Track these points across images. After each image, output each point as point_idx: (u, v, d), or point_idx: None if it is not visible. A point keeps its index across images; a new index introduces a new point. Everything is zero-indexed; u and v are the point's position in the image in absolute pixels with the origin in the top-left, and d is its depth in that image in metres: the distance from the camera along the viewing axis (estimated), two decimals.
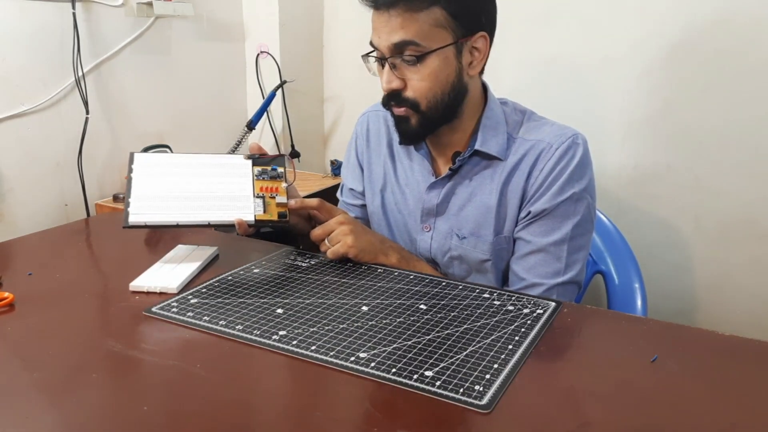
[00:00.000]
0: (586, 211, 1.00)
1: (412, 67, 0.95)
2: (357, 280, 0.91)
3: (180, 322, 0.78)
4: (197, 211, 0.92)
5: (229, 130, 2.05)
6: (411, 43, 0.92)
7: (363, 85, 2.10)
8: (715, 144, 1.61)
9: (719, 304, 1.69)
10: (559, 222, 0.98)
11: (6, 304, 0.82)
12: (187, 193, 0.93)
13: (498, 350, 0.71)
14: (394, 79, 0.96)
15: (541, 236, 0.98)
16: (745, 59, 1.53)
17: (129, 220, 0.88)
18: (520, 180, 1.00)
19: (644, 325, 0.82)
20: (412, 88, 0.96)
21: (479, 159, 1.03)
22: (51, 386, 0.64)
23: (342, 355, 0.70)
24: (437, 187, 1.05)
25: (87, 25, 1.56)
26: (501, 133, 1.02)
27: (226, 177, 0.98)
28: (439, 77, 0.96)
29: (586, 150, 1.00)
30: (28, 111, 1.48)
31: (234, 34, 2.03)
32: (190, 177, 0.96)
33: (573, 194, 0.97)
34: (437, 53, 0.94)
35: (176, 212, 0.91)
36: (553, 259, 0.98)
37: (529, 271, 0.99)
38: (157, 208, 0.89)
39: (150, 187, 0.92)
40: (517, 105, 1.08)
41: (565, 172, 0.97)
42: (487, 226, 1.02)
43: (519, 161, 1.00)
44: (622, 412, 0.61)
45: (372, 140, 1.17)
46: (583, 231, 1.00)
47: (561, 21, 1.73)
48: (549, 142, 0.99)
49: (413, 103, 0.97)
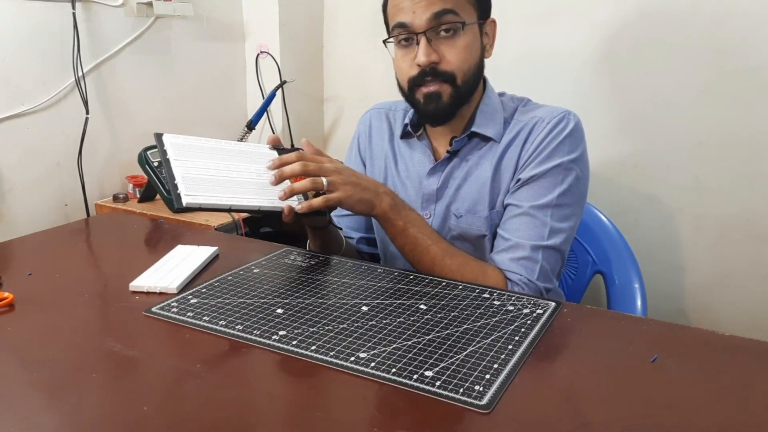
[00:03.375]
0: (574, 181, 1.01)
1: (448, 41, 0.98)
2: (357, 280, 0.91)
3: (180, 322, 0.78)
4: (246, 196, 0.88)
5: (229, 130, 2.05)
6: (451, 12, 0.97)
7: (363, 85, 2.10)
8: (715, 144, 1.61)
9: (719, 304, 1.69)
10: (546, 189, 1.00)
11: (6, 304, 0.82)
12: (231, 177, 0.89)
13: (498, 350, 0.71)
14: (432, 52, 0.98)
15: (527, 200, 1.00)
16: (745, 59, 1.53)
17: (183, 202, 0.81)
18: (513, 154, 1.03)
19: (644, 325, 0.82)
20: (449, 61, 0.99)
21: (477, 141, 1.06)
22: (51, 386, 0.64)
23: (342, 355, 0.70)
24: (437, 171, 1.08)
25: (87, 25, 1.56)
26: (498, 118, 1.06)
27: (259, 167, 0.94)
28: (472, 51, 1.01)
29: (578, 125, 1.03)
30: (28, 111, 1.48)
31: (234, 34, 2.03)
32: (228, 162, 0.91)
33: (561, 163, 1.00)
34: (471, 27, 1.00)
35: (227, 196, 0.85)
36: (539, 223, 0.99)
37: (513, 233, 1.00)
38: (206, 191, 0.83)
39: (193, 169, 0.85)
40: (514, 95, 1.12)
41: (555, 141, 1.00)
42: (482, 202, 1.04)
43: (513, 138, 1.04)
44: (622, 412, 0.61)
45: (374, 137, 1.19)
46: (570, 202, 1.01)
47: (560, 17, 1.73)
48: (542, 117, 1.03)
49: (450, 75, 0.99)
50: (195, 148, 0.90)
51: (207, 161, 0.89)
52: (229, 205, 0.86)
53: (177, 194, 0.83)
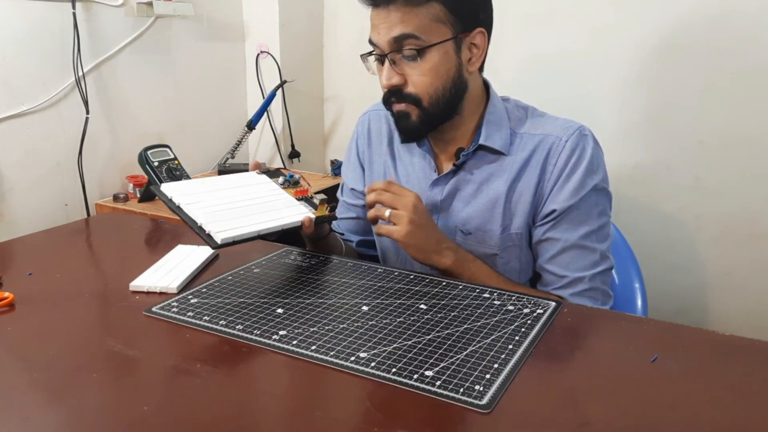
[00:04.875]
0: (607, 199, 1.01)
1: (412, 63, 0.95)
2: (357, 280, 0.91)
3: (180, 322, 0.78)
4: (266, 219, 0.90)
5: (229, 130, 2.05)
6: (411, 37, 0.92)
7: (363, 85, 2.10)
8: (715, 144, 1.61)
9: (719, 304, 1.69)
10: (585, 215, 0.98)
11: (6, 304, 0.82)
12: (242, 206, 0.91)
13: (498, 350, 0.71)
14: (394, 75, 0.96)
15: (571, 232, 0.99)
16: (745, 59, 1.53)
17: (218, 240, 0.82)
18: (531, 176, 1.00)
19: (644, 325, 0.82)
20: (413, 83, 0.96)
21: (483, 154, 1.02)
22: (51, 386, 0.64)
23: (342, 354, 0.70)
24: (441, 183, 1.05)
25: (87, 25, 1.56)
26: (504, 129, 1.02)
27: (262, 191, 0.97)
28: (439, 72, 0.95)
29: (595, 140, 1.01)
30: (28, 111, 1.48)
31: (234, 34, 2.03)
32: (229, 193, 0.94)
33: (594, 186, 0.98)
34: (437, 48, 0.94)
35: (250, 224, 0.88)
36: (588, 252, 0.99)
37: (567, 268, 0.99)
38: (230, 224, 0.85)
39: (207, 207, 0.87)
40: (518, 102, 1.08)
41: (581, 165, 0.98)
42: (493, 222, 1.02)
43: (529, 156, 1.00)
44: (622, 412, 0.61)
45: (373, 139, 1.16)
46: (608, 219, 1.02)
47: (560, 19, 1.73)
48: (557, 135, 0.99)
49: (415, 98, 0.96)
50: (195, 189, 0.92)
51: (212, 197, 0.91)
52: (257, 231, 0.88)
53: (207, 235, 0.84)
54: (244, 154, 2.16)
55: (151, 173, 1.52)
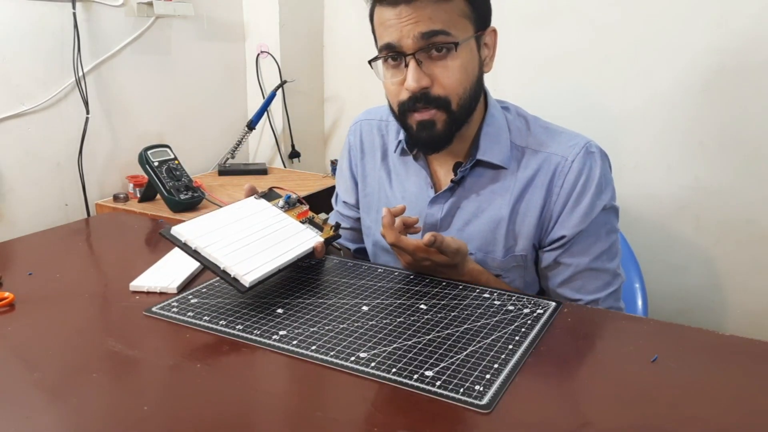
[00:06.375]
0: (615, 215, 0.99)
1: (440, 62, 0.88)
2: (357, 280, 0.91)
3: (180, 322, 0.78)
4: (281, 251, 0.89)
5: (229, 130, 2.05)
6: (441, 33, 0.86)
7: (363, 85, 2.10)
8: (715, 144, 1.61)
9: (719, 304, 1.69)
10: (595, 237, 0.96)
11: (6, 304, 0.82)
12: (253, 238, 0.89)
13: (498, 350, 0.71)
14: (422, 77, 0.88)
15: (582, 256, 0.96)
16: (745, 59, 1.53)
17: (247, 284, 0.81)
18: (536, 197, 0.96)
19: (644, 325, 0.82)
20: (442, 84, 0.89)
21: (483, 169, 0.98)
22: (51, 386, 0.64)
23: (342, 355, 0.70)
24: (440, 200, 1.00)
25: (87, 25, 1.56)
26: (503, 141, 0.97)
27: (267, 220, 0.95)
28: (467, 71, 0.90)
29: (602, 154, 0.96)
30: (28, 111, 1.48)
31: (234, 34, 2.03)
32: (235, 225, 0.91)
33: (604, 207, 0.95)
34: (466, 44, 0.89)
35: (270, 259, 0.86)
36: (600, 273, 0.97)
37: (580, 291, 0.97)
38: (251, 262, 0.84)
39: (223, 248, 0.85)
40: (519, 110, 1.03)
41: (590, 189, 0.94)
42: (496, 243, 0.98)
43: (533, 176, 0.96)
44: (622, 412, 0.61)
45: (366, 151, 1.11)
46: (617, 236, 0.99)
47: (561, 20, 1.73)
48: (563, 155, 0.95)
49: (444, 101, 0.90)
50: (204, 227, 0.88)
51: (224, 234, 0.88)
52: (277, 267, 0.86)
53: (233, 279, 0.81)
54: (244, 154, 2.16)
55: (152, 173, 1.52)
